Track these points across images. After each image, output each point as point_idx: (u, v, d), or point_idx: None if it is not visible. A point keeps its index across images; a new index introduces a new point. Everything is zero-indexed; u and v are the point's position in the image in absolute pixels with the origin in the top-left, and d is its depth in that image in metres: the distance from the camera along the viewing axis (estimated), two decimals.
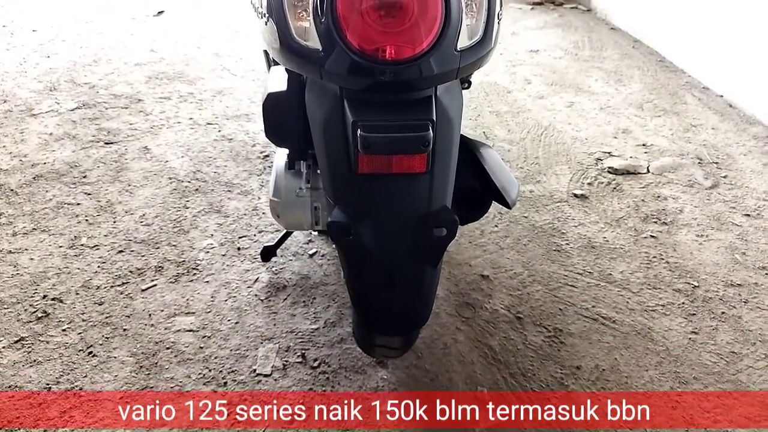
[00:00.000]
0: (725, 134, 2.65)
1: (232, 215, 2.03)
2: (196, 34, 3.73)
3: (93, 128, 2.56)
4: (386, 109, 0.96)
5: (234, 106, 2.81)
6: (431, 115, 0.95)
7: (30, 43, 3.55)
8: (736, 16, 2.89)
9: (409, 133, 0.92)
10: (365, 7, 0.90)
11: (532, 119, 2.76)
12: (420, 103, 0.97)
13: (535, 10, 4.43)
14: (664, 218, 2.06)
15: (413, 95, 0.97)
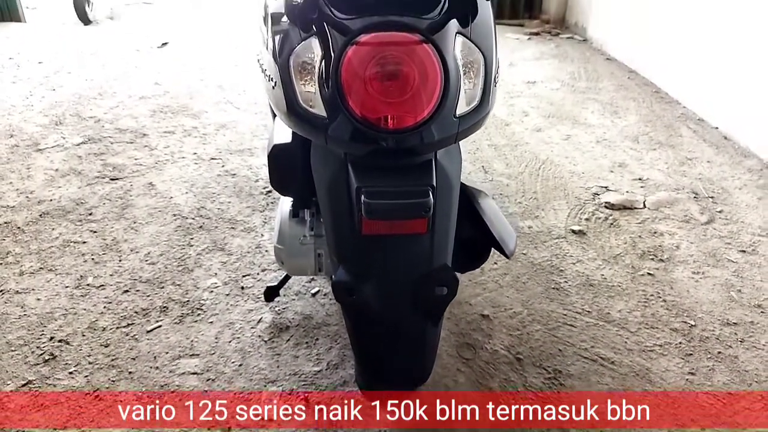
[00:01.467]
0: (720, 167, 2.70)
1: (236, 253, 2.06)
2: (200, 66, 3.80)
3: (98, 164, 2.61)
4: (389, 174, 1.00)
5: (237, 140, 2.86)
6: (431, 181, 0.99)
7: (36, 75, 3.62)
8: (731, 48, 2.95)
9: (411, 199, 0.96)
10: (368, 75, 0.95)
11: (530, 152, 2.80)
12: (421, 168, 1.01)
13: (532, 41, 4.51)
14: (661, 255, 2.09)
15: (414, 160, 1.01)
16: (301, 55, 1.01)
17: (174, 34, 4.54)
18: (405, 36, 0.95)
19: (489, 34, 1.08)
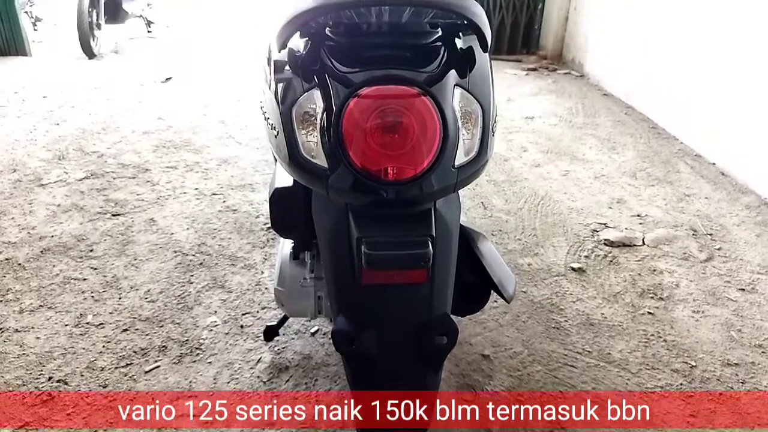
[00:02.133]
0: (718, 204, 2.72)
1: (236, 290, 2.06)
2: (203, 101, 3.85)
3: (101, 199, 2.62)
4: (389, 223, 1.01)
5: (239, 175, 2.89)
6: (431, 231, 1.00)
7: (40, 109, 3.67)
8: (727, 85, 3.00)
9: (410, 250, 0.97)
10: (369, 127, 0.97)
11: (529, 188, 2.83)
12: (420, 217, 1.02)
13: (530, 76, 4.58)
14: (661, 293, 2.09)
15: (414, 209, 1.03)
16: (304, 106, 1.03)
17: (178, 68, 4.61)
18: (405, 89, 0.97)
19: (486, 84, 1.11)
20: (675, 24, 3.42)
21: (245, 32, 5.99)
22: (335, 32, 1.05)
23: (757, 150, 2.80)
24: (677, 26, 3.40)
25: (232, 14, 6.87)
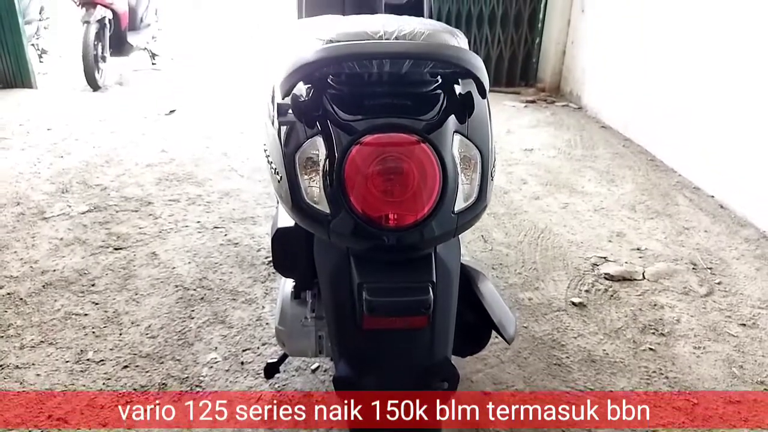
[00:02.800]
0: (718, 237, 2.73)
1: (237, 326, 2.06)
2: (206, 134, 3.89)
3: (103, 233, 2.64)
4: (390, 268, 1.02)
5: (240, 208, 2.91)
6: (431, 276, 1.01)
7: (44, 142, 3.71)
8: (724, 118, 3.04)
9: (411, 297, 0.98)
10: (370, 174, 0.98)
11: (529, 221, 2.84)
12: (421, 262, 1.04)
13: (529, 108, 4.64)
14: (662, 329, 2.09)
15: (415, 255, 1.04)
16: (307, 152, 1.05)
17: (182, 101, 4.67)
18: (405, 137, 0.99)
19: (485, 130, 1.13)
20: (672, 57, 3.48)
21: (248, 64, 6.09)
22: (337, 80, 1.08)
23: (755, 183, 2.82)
24: (674, 59, 3.46)
25: (235, 44, 6.99)
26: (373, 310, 0.97)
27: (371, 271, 1.02)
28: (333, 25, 1.13)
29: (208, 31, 7.81)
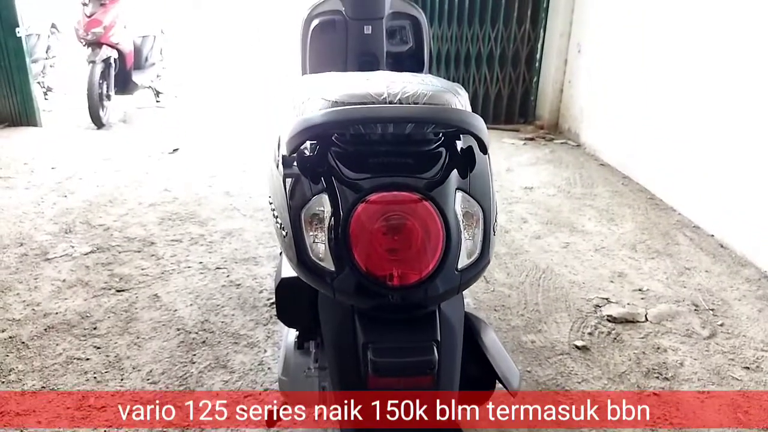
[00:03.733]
0: (719, 277, 2.73)
1: (238, 370, 2.05)
2: (209, 173, 3.93)
3: (105, 274, 2.65)
4: (394, 326, 1.03)
5: (242, 248, 2.92)
6: (435, 335, 1.02)
7: (48, 181, 3.74)
8: (722, 156, 3.07)
9: (416, 357, 0.99)
10: (375, 232, 1.00)
11: (530, 261, 2.85)
12: (425, 320, 1.05)
13: (528, 145, 4.69)
14: (665, 373, 2.08)
15: (419, 312, 1.05)
16: (312, 209, 1.07)
17: (185, 139, 4.73)
18: (409, 195, 1.02)
19: (487, 185, 1.15)
20: (668, 96, 3.53)
21: (251, 102, 6.18)
22: (342, 139, 1.11)
23: (755, 222, 2.84)
24: (670, 99, 3.51)
25: (239, 81, 7.10)
26: (378, 370, 0.98)
27: (376, 329, 1.03)
28: (338, 86, 1.16)
29: (211, 64, 7.94)
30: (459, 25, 4.95)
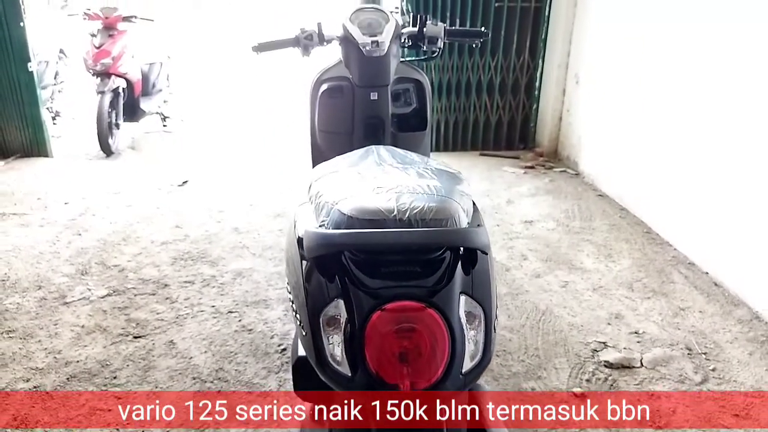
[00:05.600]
0: (712, 318, 2.84)
1: (252, 422, 2.15)
2: (218, 207, 4.04)
3: (122, 319, 2.76)
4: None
5: (253, 290, 3.03)
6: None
7: (62, 218, 3.86)
8: (718, 192, 3.15)
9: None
10: (387, 340, 1.12)
11: (530, 302, 2.96)
12: None
13: (528, 174, 4.80)
14: (659, 420, 2.18)
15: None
16: (330, 313, 1.18)
17: (193, 169, 4.85)
18: (419, 305, 1.13)
19: (488, 286, 1.26)
20: (665, 131, 3.63)
21: (255, 125, 6.30)
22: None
23: (747, 260, 2.94)
24: (667, 133, 3.61)
25: (244, 100, 7.22)
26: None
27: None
28: (352, 197, 1.25)
29: (216, 89, 8.07)
30: (460, 56, 5.07)
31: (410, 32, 2.26)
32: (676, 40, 3.50)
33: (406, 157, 1.60)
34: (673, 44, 3.54)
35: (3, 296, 2.94)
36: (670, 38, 3.56)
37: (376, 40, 2.10)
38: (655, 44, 3.69)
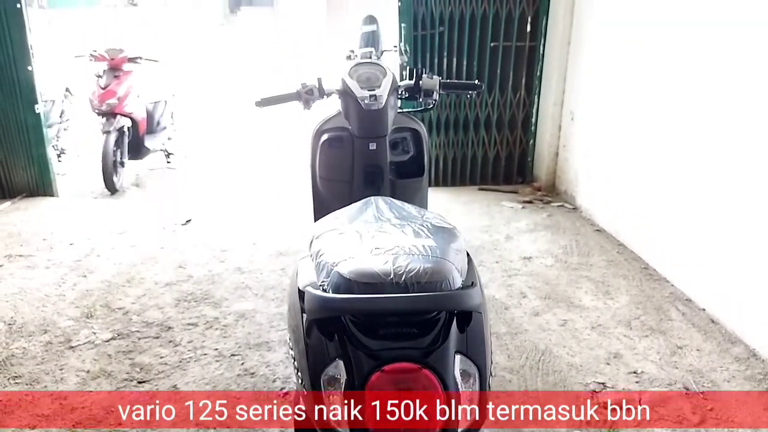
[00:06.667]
0: (709, 356, 2.87)
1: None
2: (220, 246, 4.10)
3: (127, 363, 2.79)
4: None
5: (255, 332, 3.07)
6: None
7: (67, 259, 3.91)
8: (714, 228, 3.20)
9: None
10: (386, 397, 1.17)
11: (530, 341, 2.99)
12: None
13: (526, 209, 4.87)
14: None
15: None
16: (330, 374, 1.24)
17: (196, 207, 4.92)
18: (416, 367, 1.18)
19: (482, 344, 1.31)
20: (660, 167, 3.69)
21: (259, 162, 6.39)
22: None
23: (745, 297, 2.97)
24: (662, 169, 3.67)
25: (246, 140, 7.33)
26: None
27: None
28: (349, 256, 1.32)
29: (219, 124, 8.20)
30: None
31: (407, 85, 2.35)
32: (668, 78, 3.60)
33: (403, 210, 1.66)
34: (665, 83, 3.63)
35: (9, 341, 2.98)
36: (662, 77, 3.65)
37: (374, 93, 2.18)
38: (648, 83, 3.79)
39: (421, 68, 2.37)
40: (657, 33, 3.67)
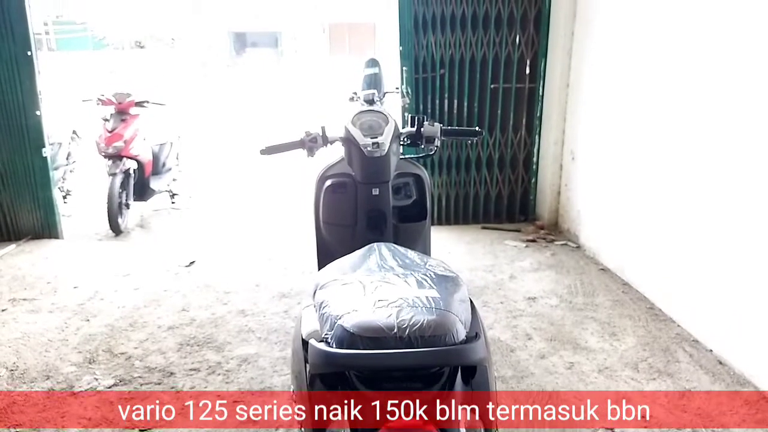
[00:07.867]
0: (718, 399, 2.82)
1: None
2: (223, 288, 4.10)
3: (128, 410, 2.76)
4: None
5: (258, 377, 3.04)
6: None
7: (71, 302, 3.91)
8: (717, 267, 3.18)
9: None
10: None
11: (536, 385, 2.95)
12: None
13: (530, 248, 4.86)
14: None
15: None
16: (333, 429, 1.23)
17: (200, 248, 4.94)
18: (422, 423, 1.17)
19: (487, 396, 1.30)
20: (663, 205, 3.69)
21: (262, 205, 6.44)
22: None
23: (753, 338, 2.93)
24: (665, 207, 3.67)
25: (250, 181, 7.40)
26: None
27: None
28: (353, 309, 1.32)
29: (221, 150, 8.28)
30: None
31: (409, 132, 2.39)
32: (665, 118, 3.64)
33: (406, 257, 1.67)
34: (662, 122, 3.67)
35: (11, 387, 2.96)
36: (659, 117, 3.70)
37: (377, 141, 2.22)
38: (646, 122, 3.83)
39: (422, 116, 2.41)
40: (653, 73, 3.73)
